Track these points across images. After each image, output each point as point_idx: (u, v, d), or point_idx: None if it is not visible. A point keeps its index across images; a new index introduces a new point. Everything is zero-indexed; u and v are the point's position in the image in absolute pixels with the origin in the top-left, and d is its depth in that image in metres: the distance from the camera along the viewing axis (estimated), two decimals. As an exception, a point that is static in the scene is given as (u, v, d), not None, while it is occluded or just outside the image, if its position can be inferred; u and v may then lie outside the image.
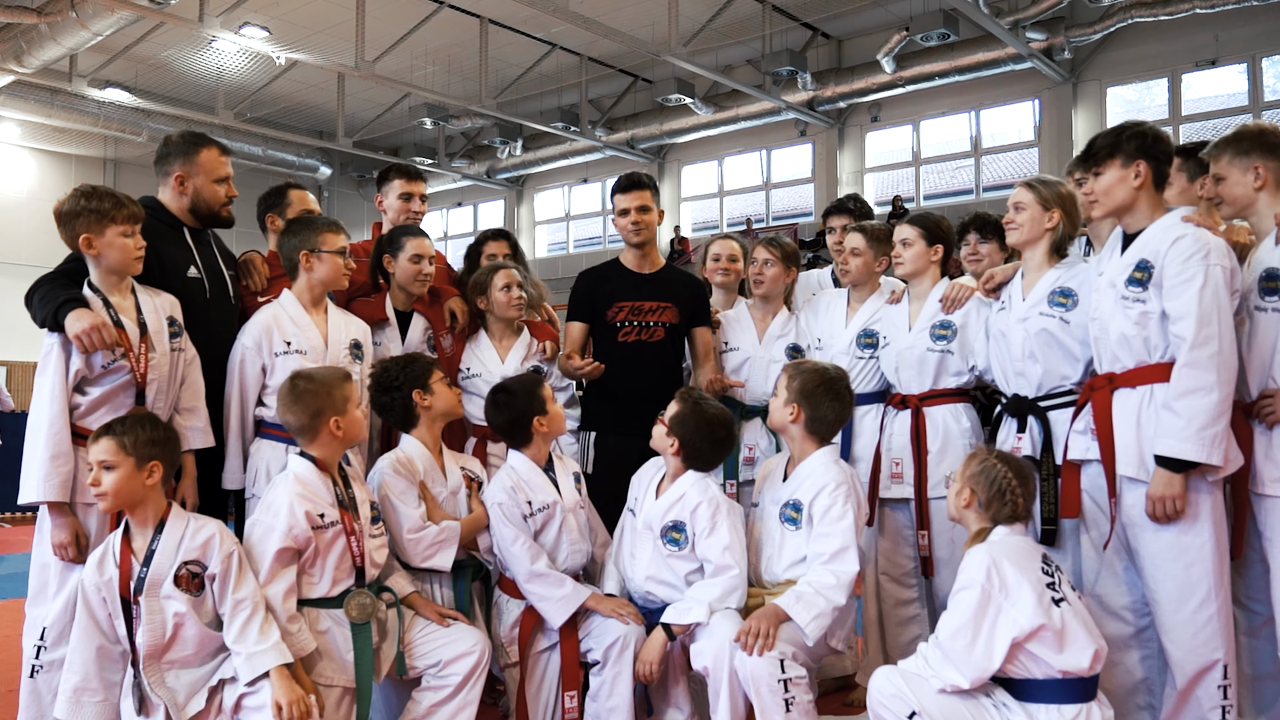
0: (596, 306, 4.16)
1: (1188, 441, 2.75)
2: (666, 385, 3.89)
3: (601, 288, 4.20)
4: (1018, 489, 2.83)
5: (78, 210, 3.11)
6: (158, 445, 2.85)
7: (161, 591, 2.79)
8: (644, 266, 4.23)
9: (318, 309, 3.61)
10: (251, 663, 2.76)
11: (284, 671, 2.75)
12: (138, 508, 2.84)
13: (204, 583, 2.82)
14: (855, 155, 19.75)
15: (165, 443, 2.90)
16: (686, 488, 3.33)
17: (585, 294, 4.21)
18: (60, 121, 18.94)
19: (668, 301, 4.14)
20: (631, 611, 3.33)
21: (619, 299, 4.14)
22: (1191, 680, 2.84)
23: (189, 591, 2.80)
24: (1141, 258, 2.92)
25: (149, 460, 2.81)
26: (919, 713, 2.65)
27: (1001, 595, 2.67)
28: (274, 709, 2.70)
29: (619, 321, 4.12)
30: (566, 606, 3.32)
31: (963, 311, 3.65)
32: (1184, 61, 16.33)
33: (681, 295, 4.18)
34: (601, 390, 4.12)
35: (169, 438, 2.94)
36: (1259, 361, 2.92)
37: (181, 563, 2.81)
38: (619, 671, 3.26)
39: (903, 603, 3.78)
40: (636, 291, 4.15)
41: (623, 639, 3.26)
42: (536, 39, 18.28)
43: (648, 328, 4.12)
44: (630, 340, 4.11)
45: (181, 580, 2.80)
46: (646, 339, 4.12)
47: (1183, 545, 2.83)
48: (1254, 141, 2.97)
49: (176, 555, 2.81)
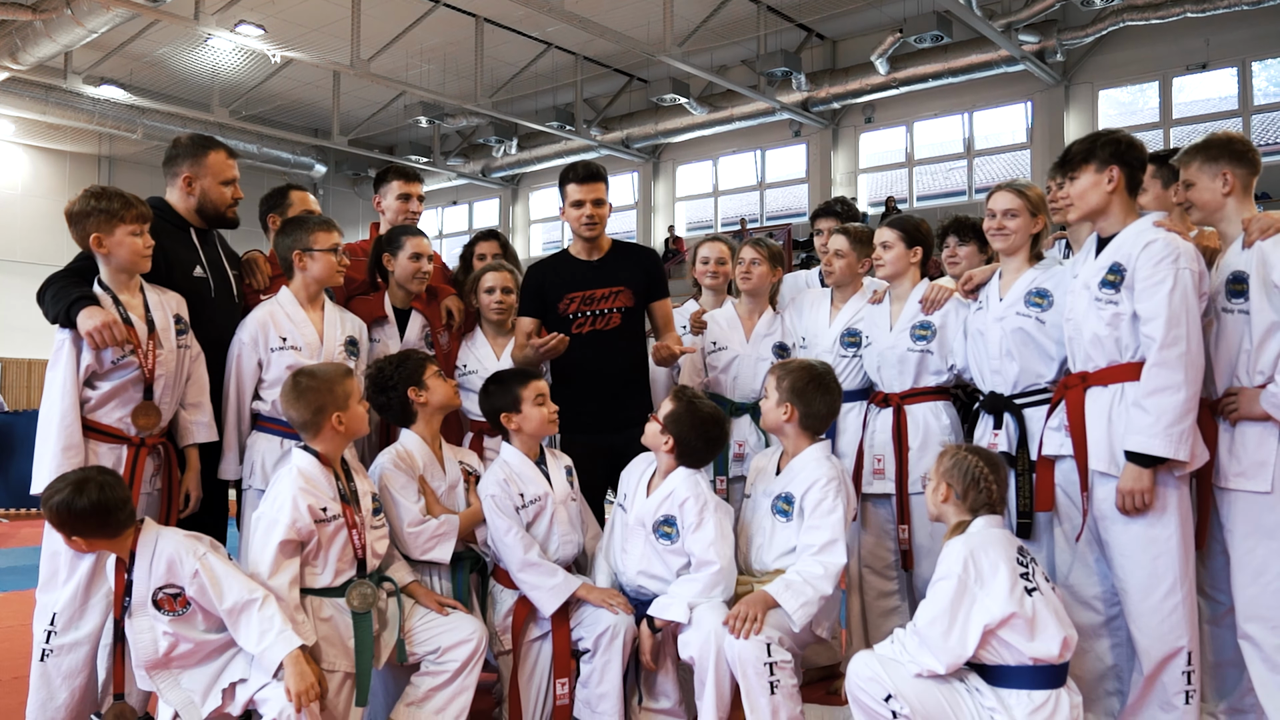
0: (547, 300, 4.09)
1: (1156, 438, 2.86)
2: (631, 373, 3.97)
3: (550, 280, 4.13)
4: (990, 476, 2.94)
5: (88, 210, 3.21)
6: (79, 519, 2.83)
7: (148, 613, 2.88)
8: (592, 254, 4.16)
9: (314, 306, 3.70)
10: (265, 658, 2.83)
11: (296, 656, 2.83)
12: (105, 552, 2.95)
13: (187, 600, 2.89)
14: (849, 156, 19.89)
15: (89, 513, 2.83)
16: (677, 484, 3.43)
17: (535, 288, 4.14)
18: (55, 118, 19.02)
19: (619, 285, 4.09)
20: (621, 601, 3.43)
21: (569, 290, 4.08)
22: (1157, 666, 2.96)
23: (173, 611, 2.88)
24: (1114, 261, 3.04)
25: (73, 535, 2.86)
26: (895, 695, 2.76)
27: (977, 585, 2.78)
28: (286, 694, 2.79)
29: (571, 313, 4.06)
30: (558, 595, 3.41)
31: (942, 312, 3.76)
32: (1175, 65, 16.50)
33: (634, 275, 4.14)
34: (564, 386, 4.00)
35: (96, 505, 2.83)
36: (1226, 361, 3.04)
37: (157, 587, 2.88)
38: (609, 660, 3.37)
39: (884, 594, 3.89)
40: (586, 280, 4.09)
41: (612, 628, 3.37)
42: (532, 38, 18.37)
43: (602, 315, 4.07)
44: (585, 331, 4.05)
45: (162, 604, 2.88)
46: (602, 327, 4.07)
47: (1150, 537, 2.95)
48: (1222, 149, 3.09)
49: (149, 580, 2.89)
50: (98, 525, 2.85)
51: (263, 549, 2.99)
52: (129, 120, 19.41)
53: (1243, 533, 2.99)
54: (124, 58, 17.71)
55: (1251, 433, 2.97)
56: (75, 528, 2.85)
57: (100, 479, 2.89)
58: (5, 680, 4.19)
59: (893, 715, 2.76)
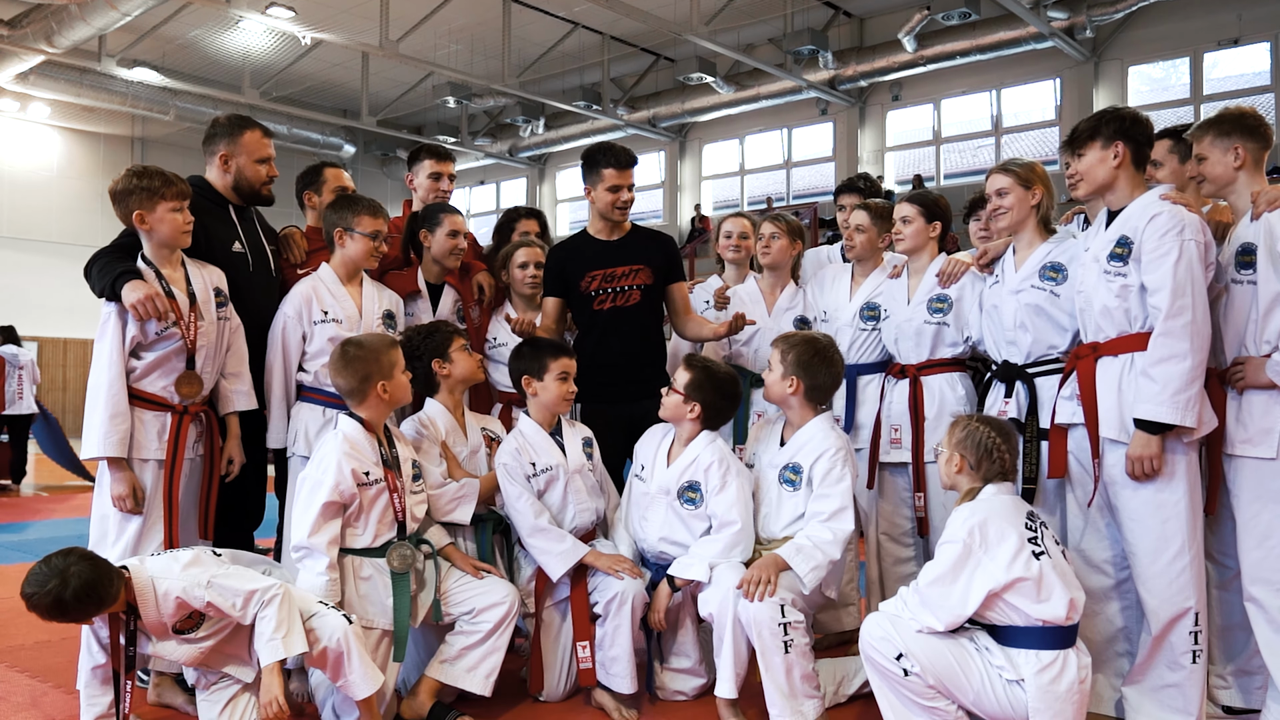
0: (569, 280, 4.20)
1: (1163, 405, 2.94)
2: (650, 349, 4.10)
3: (572, 260, 4.23)
4: (1002, 445, 3.03)
5: (131, 188, 3.35)
6: (76, 605, 2.80)
7: (167, 643, 3.01)
8: (614, 234, 4.26)
9: (353, 281, 3.84)
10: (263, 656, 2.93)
11: (272, 669, 2.89)
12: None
13: (200, 615, 2.98)
14: (876, 134, 19.84)
15: (84, 593, 2.80)
16: (700, 449, 3.55)
17: (557, 268, 4.24)
18: (89, 100, 19.24)
19: (639, 264, 4.20)
20: (628, 567, 3.53)
21: (590, 268, 4.18)
22: (1166, 626, 3.04)
23: (190, 628, 2.99)
24: (1122, 234, 3.11)
25: (76, 621, 2.91)
26: (906, 654, 2.87)
27: (982, 550, 2.87)
28: (258, 702, 2.92)
29: (593, 290, 4.17)
30: (565, 560, 3.52)
31: (958, 285, 3.84)
32: (1206, 40, 16.32)
33: (653, 255, 4.25)
34: (585, 360, 3.98)
35: (87, 585, 2.80)
36: (1234, 331, 3.12)
37: (172, 624, 2.97)
38: (619, 624, 3.48)
39: (901, 560, 4.00)
40: (607, 259, 4.20)
41: (621, 594, 3.48)
42: (559, 18, 18.42)
43: (622, 293, 4.17)
44: (606, 308, 4.17)
45: (180, 627, 2.98)
46: (622, 304, 4.17)
47: (1159, 502, 3.04)
48: (1234, 124, 3.15)
49: (163, 620, 2.96)
50: (95, 603, 2.84)
51: (306, 509, 3.14)
52: (162, 102, 19.65)
53: (1249, 498, 3.06)
54: (157, 40, 17.89)
55: (1258, 400, 3.04)
56: (75, 614, 2.84)
57: (78, 559, 2.82)
58: (55, 641, 4.36)
59: (904, 673, 2.87)
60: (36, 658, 4.14)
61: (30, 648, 4.30)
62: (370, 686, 2.99)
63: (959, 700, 2.89)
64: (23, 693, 3.71)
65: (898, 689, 2.90)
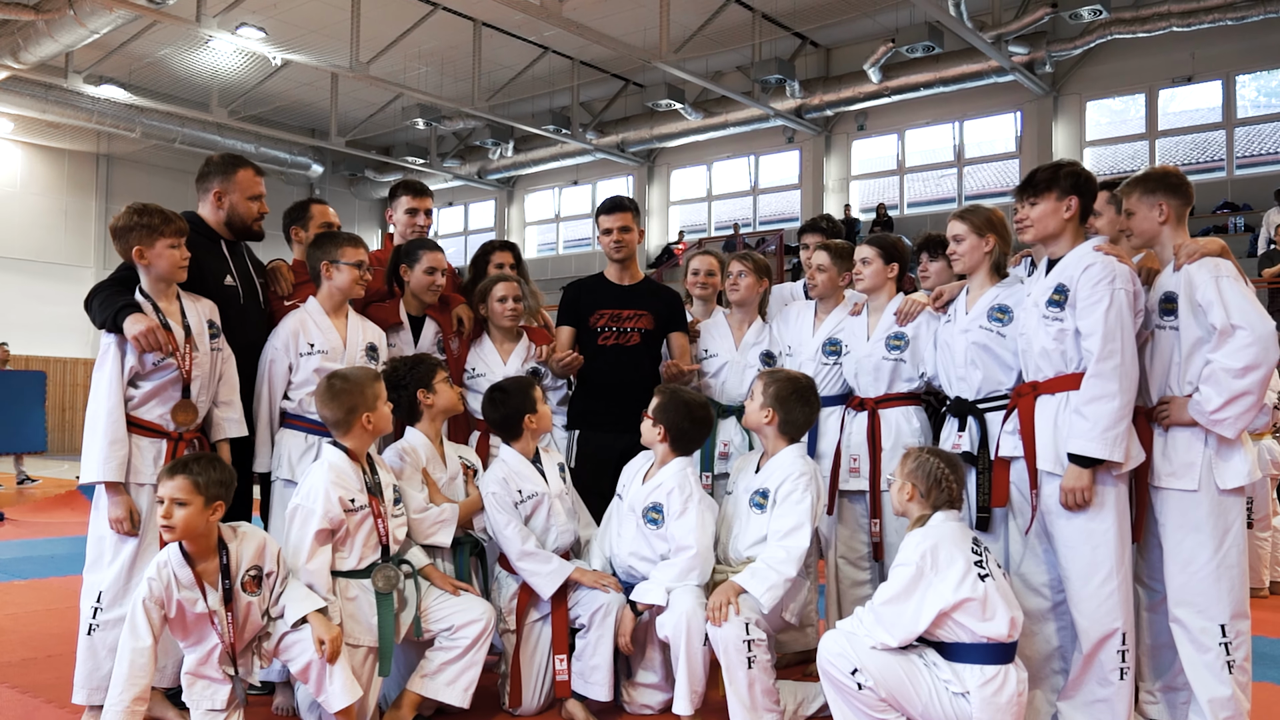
0: (581, 313, 4.66)
1: (1093, 441, 3.20)
2: (643, 385, 4.33)
3: (586, 297, 4.71)
4: (950, 476, 3.27)
5: (131, 225, 3.53)
6: (224, 486, 3.18)
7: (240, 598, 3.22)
8: (624, 279, 4.75)
9: (339, 314, 4.03)
10: (296, 607, 3.20)
11: (321, 615, 3.20)
12: (206, 535, 3.19)
13: (262, 580, 3.24)
14: (841, 163, 20.21)
15: (231, 483, 3.22)
16: (667, 475, 3.78)
17: (572, 302, 4.72)
18: (54, 116, 19.20)
19: (644, 310, 4.64)
20: (611, 582, 3.79)
21: (600, 307, 4.64)
22: (1095, 645, 3.29)
23: (253, 592, 3.23)
24: (1059, 281, 3.37)
25: (215, 499, 3.16)
26: (860, 669, 3.09)
27: (933, 573, 3.11)
28: (316, 644, 3.16)
29: (599, 327, 4.61)
30: (554, 580, 3.76)
31: (915, 324, 4.10)
32: (1161, 77, 16.85)
33: (657, 305, 4.69)
34: (585, 390, 4.62)
35: (233, 478, 3.26)
36: (1159, 372, 3.39)
37: (246, 570, 3.22)
38: (601, 634, 3.72)
39: (858, 583, 4.23)
40: (616, 301, 4.66)
41: (605, 606, 3.73)
42: (529, 42, 18.66)
43: (624, 333, 4.61)
44: (609, 344, 4.60)
45: (247, 585, 3.22)
46: (623, 343, 4.60)
47: (1090, 530, 3.29)
48: (1159, 182, 3.42)
49: (242, 565, 3.22)
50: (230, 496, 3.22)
51: (300, 537, 3.33)
52: (128, 119, 19.65)
53: (1173, 526, 3.32)
54: (124, 57, 17.93)
55: (1181, 437, 3.31)
56: (230, 493, 3.21)
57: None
58: (40, 659, 4.49)
59: (859, 686, 3.09)
60: (24, 674, 4.26)
61: (17, 664, 4.42)
62: (349, 698, 3.17)
63: (909, 712, 3.11)
64: (15, 708, 3.84)
65: (852, 702, 3.12)
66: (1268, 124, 16.43)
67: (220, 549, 3.21)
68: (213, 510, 3.15)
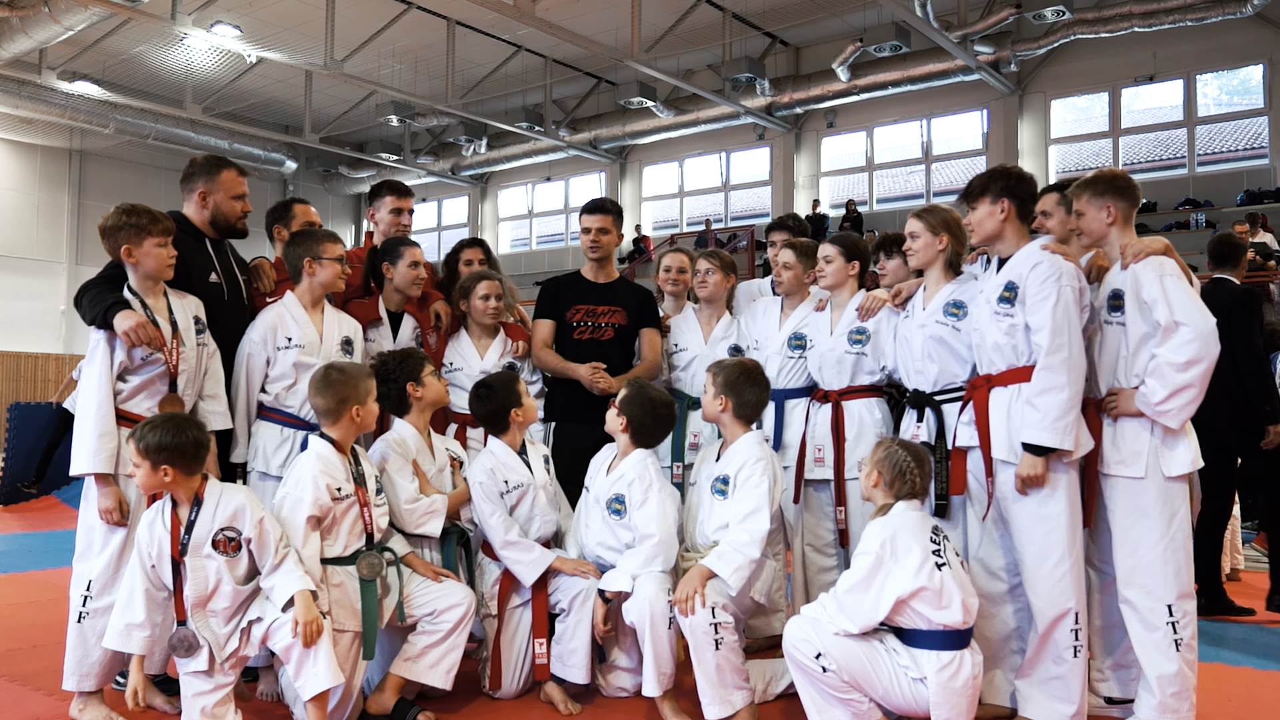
0: (558, 308, 4.87)
1: (1045, 431, 3.37)
2: (615, 376, 4.53)
3: (563, 293, 4.93)
4: (915, 469, 3.43)
5: (120, 225, 3.64)
6: (167, 450, 3.20)
7: (203, 552, 3.30)
8: (600, 277, 4.98)
9: (316, 309, 4.13)
10: (282, 590, 3.27)
11: (306, 595, 3.26)
12: (175, 489, 3.30)
13: (240, 545, 3.32)
14: (811, 159, 20.43)
15: (182, 447, 3.23)
16: (629, 466, 3.92)
17: (550, 297, 4.94)
18: (27, 112, 19.11)
19: (618, 306, 4.88)
20: (591, 569, 3.92)
21: (577, 302, 4.87)
22: (1050, 625, 3.45)
23: (226, 553, 3.31)
24: (1009, 279, 3.54)
25: (161, 464, 3.22)
26: (824, 653, 3.24)
27: (892, 561, 3.26)
28: (292, 624, 3.22)
29: (575, 321, 4.85)
30: (536, 568, 3.89)
31: (875, 319, 4.25)
32: (1124, 77, 17.19)
33: (630, 302, 4.92)
34: (561, 383, 4.79)
35: (189, 443, 3.26)
36: (1107, 365, 3.56)
37: (218, 529, 3.31)
38: (580, 619, 3.86)
39: (824, 570, 4.38)
40: (592, 297, 4.90)
41: (584, 591, 3.87)
42: (502, 40, 18.75)
43: (599, 328, 4.85)
44: (584, 338, 4.83)
45: (219, 544, 3.30)
46: (598, 338, 4.84)
47: (1043, 515, 3.45)
48: (1108, 185, 3.59)
49: (213, 523, 3.31)
50: (192, 458, 3.26)
51: (292, 524, 3.42)
52: (101, 115, 19.57)
53: (1122, 512, 3.49)
54: (98, 54, 17.89)
55: (1129, 427, 3.48)
56: (174, 459, 3.21)
57: (197, 423, 3.44)
58: (25, 649, 4.58)
59: (823, 670, 3.24)
60: (12, 663, 4.34)
61: (3, 655, 4.49)
62: (332, 681, 3.28)
63: (870, 694, 3.27)
64: (4, 694, 3.93)
65: (817, 684, 3.27)
66: (1228, 122, 16.81)
67: (195, 504, 3.31)
68: (163, 473, 3.23)
